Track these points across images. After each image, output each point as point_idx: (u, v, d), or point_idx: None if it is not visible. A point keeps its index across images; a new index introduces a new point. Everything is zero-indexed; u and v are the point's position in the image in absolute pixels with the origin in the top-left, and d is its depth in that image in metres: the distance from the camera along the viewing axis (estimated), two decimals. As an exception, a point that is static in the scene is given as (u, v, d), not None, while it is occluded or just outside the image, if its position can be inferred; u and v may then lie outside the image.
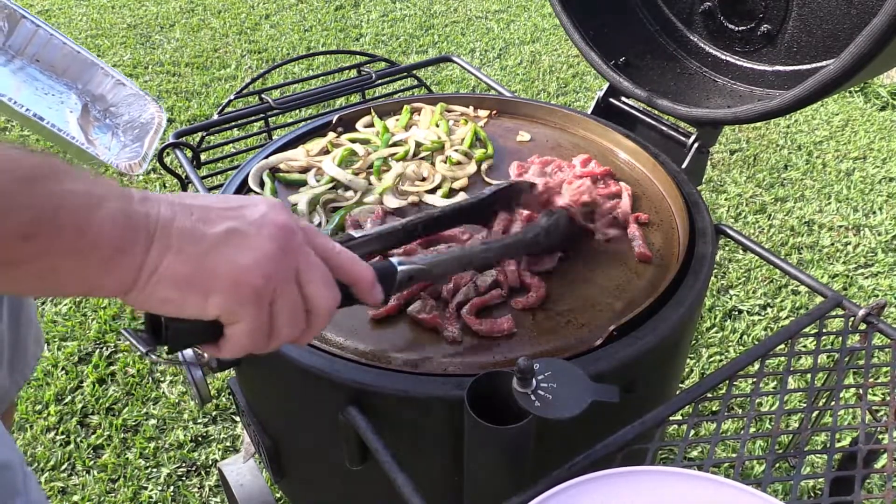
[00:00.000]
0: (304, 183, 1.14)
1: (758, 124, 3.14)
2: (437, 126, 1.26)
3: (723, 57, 1.33)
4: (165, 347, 0.62)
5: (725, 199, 2.71)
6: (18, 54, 1.94)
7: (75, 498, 1.72)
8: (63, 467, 1.79)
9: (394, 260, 0.79)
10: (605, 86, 1.40)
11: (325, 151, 1.21)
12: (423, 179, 1.15)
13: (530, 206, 1.05)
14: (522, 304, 0.92)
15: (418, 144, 1.21)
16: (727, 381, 0.82)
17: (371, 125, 1.29)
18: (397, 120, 1.30)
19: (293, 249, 0.61)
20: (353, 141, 1.23)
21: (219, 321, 0.60)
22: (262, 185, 1.14)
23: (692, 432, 0.87)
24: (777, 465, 1.01)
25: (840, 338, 0.88)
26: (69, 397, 1.97)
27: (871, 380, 0.82)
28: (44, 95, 1.80)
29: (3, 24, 1.89)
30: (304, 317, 0.63)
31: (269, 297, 0.60)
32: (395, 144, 1.21)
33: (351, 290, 0.69)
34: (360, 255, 0.77)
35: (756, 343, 1.67)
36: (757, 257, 1.63)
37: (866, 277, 2.35)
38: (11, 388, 1.19)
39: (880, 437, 0.81)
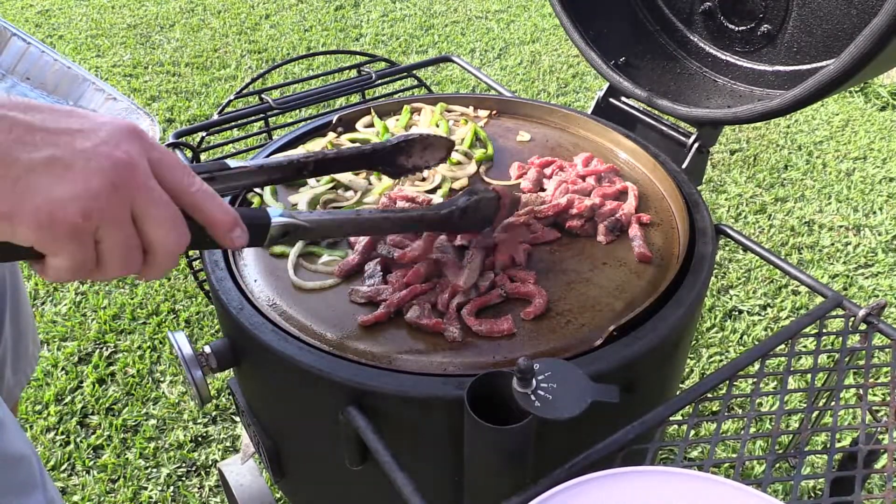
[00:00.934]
0: (304, 183, 1.14)
1: (758, 124, 3.14)
2: (437, 126, 1.26)
3: (723, 57, 1.33)
4: None
5: (725, 199, 2.71)
6: (8, 73, 1.94)
7: (75, 498, 1.72)
8: (63, 467, 1.79)
9: (271, 210, 0.73)
10: (605, 86, 1.40)
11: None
12: (424, 180, 1.15)
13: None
14: (532, 314, 0.89)
15: None
16: (727, 382, 0.82)
17: (371, 125, 1.29)
18: (397, 120, 1.30)
19: (130, 185, 0.56)
20: (352, 141, 1.23)
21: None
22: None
23: (692, 432, 0.87)
24: (777, 465, 1.01)
25: (840, 338, 0.88)
26: (69, 397, 1.97)
27: (871, 380, 0.82)
28: None
29: None
30: (141, 256, 0.59)
31: (90, 234, 0.55)
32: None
33: (207, 231, 0.64)
34: (246, 186, 0.72)
35: (756, 343, 1.67)
36: (757, 257, 1.63)
37: (866, 277, 2.35)
38: (15, 387, 1.20)
39: (880, 437, 0.81)
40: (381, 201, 1.07)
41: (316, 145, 1.21)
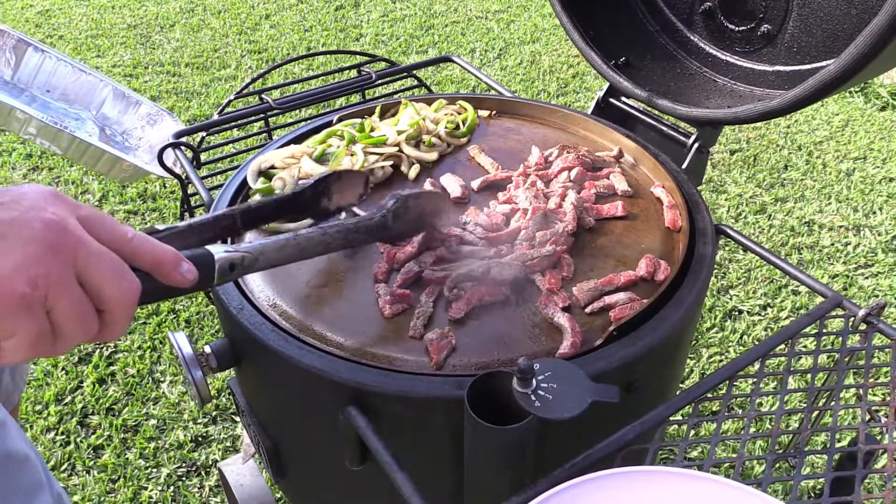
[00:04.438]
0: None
1: (758, 124, 3.14)
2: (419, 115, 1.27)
3: (723, 57, 1.33)
4: None
5: (725, 199, 2.71)
6: (28, 86, 1.94)
7: (75, 498, 1.72)
8: (63, 467, 1.79)
9: (212, 248, 0.72)
10: (605, 86, 1.40)
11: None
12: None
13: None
14: (568, 353, 0.84)
15: (399, 133, 1.22)
16: (727, 382, 0.82)
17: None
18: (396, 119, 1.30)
19: (66, 245, 0.54)
20: (329, 135, 1.23)
21: None
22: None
23: (692, 432, 0.87)
24: (777, 465, 1.01)
25: (840, 338, 0.88)
26: (69, 397, 1.97)
27: (871, 380, 0.82)
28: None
29: (10, 56, 1.89)
30: (95, 316, 0.57)
31: (40, 303, 0.53)
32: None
33: (153, 274, 0.62)
34: (178, 247, 0.68)
35: (756, 343, 1.67)
36: (757, 257, 1.63)
37: (866, 278, 2.35)
38: (14, 391, 1.20)
39: (880, 437, 0.81)
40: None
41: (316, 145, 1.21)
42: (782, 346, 0.87)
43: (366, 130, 1.23)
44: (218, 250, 0.71)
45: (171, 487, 1.74)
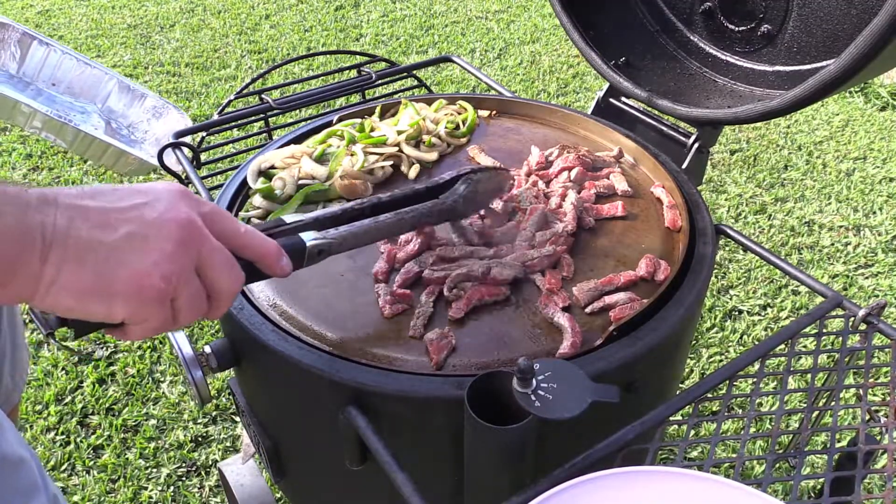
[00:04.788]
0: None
1: (758, 124, 3.14)
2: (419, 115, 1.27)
3: (723, 57, 1.33)
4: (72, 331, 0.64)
5: (725, 199, 2.71)
6: (34, 80, 1.93)
7: (75, 498, 1.72)
8: (63, 467, 1.79)
9: (304, 235, 0.80)
10: (605, 86, 1.40)
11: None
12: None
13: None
14: (568, 353, 0.85)
15: (399, 133, 1.22)
16: (727, 382, 0.82)
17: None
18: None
19: (193, 241, 0.62)
20: (329, 135, 1.23)
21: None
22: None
23: (692, 432, 0.87)
24: (777, 465, 1.01)
25: (840, 338, 0.88)
26: (69, 397, 1.97)
27: (871, 380, 0.82)
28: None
29: (16, 49, 1.89)
30: (206, 302, 0.65)
31: (171, 295, 0.61)
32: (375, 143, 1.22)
33: (257, 265, 0.71)
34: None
35: (756, 343, 1.67)
36: (757, 257, 1.63)
37: (866, 278, 2.35)
38: (13, 391, 1.20)
39: (880, 437, 0.81)
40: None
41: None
42: (782, 346, 0.87)
43: (366, 130, 1.23)
44: (309, 237, 0.79)
45: (171, 487, 1.74)
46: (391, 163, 1.18)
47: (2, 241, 0.53)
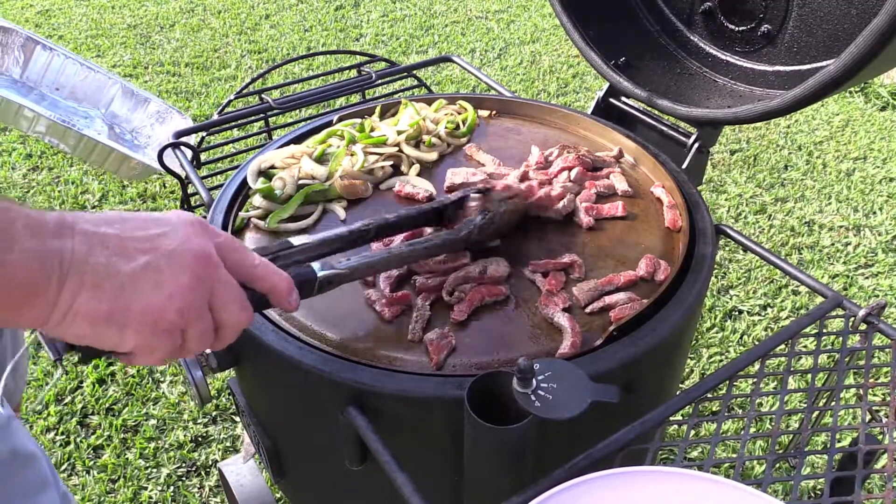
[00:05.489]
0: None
1: (758, 124, 3.14)
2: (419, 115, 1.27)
3: (723, 57, 1.33)
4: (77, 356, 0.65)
5: (725, 199, 2.71)
6: (37, 85, 1.93)
7: (75, 498, 1.72)
8: (63, 467, 1.79)
9: (314, 265, 0.80)
10: (605, 86, 1.40)
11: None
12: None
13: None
14: (568, 353, 0.85)
15: (399, 133, 1.22)
16: (727, 382, 0.82)
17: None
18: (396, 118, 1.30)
19: (208, 276, 0.62)
20: (329, 135, 1.23)
21: None
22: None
23: (692, 432, 0.87)
24: (777, 465, 1.01)
25: (840, 338, 0.88)
26: (69, 397, 1.97)
27: (871, 380, 0.82)
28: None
29: (19, 54, 1.89)
30: (214, 335, 0.66)
31: (182, 327, 0.62)
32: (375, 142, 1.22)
33: (268, 298, 0.71)
34: (309, 259, 0.80)
35: (756, 343, 1.67)
36: (757, 257, 1.63)
37: (866, 278, 2.35)
38: (15, 391, 1.20)
39: (880, 437, 0.81)
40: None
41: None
42: (782, 346, 0.87)
43: (366, 130, 1.23)
44: (318, 269, 0.80)
45: (171, 487, 1.74)
46: (391, 163, 1.18)
47: (21, 268, 0.53)
